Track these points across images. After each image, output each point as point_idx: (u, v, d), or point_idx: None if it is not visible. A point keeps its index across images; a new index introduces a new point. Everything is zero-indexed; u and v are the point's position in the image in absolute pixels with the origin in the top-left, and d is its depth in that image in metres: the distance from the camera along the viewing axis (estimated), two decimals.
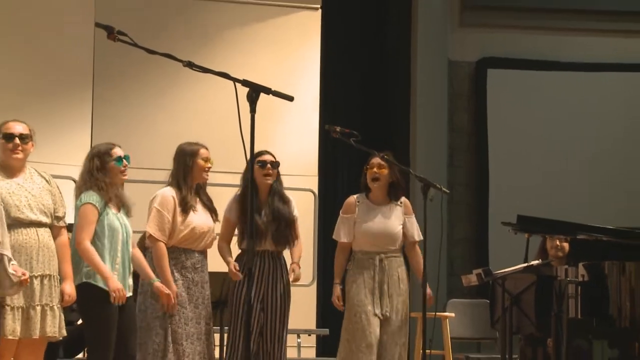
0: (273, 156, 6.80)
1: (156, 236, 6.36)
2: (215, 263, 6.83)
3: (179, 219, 6.38)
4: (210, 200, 6.65)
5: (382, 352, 6.85)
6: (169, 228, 6.37)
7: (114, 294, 5.79)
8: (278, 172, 6.84)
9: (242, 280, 6.64)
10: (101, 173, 6.05)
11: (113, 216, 6.10)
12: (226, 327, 6.95)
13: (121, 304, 6.01)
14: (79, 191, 6.13)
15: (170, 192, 6.43)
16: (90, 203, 6.05)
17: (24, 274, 5.22)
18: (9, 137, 5.60)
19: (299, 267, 6.82)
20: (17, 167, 5.67)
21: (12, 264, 5.18)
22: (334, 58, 10.26)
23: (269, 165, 6.71)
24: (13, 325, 5.45)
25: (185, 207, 6.39)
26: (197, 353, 6.41)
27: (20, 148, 5.63)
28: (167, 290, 6.23)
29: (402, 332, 6.93)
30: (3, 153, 5.61)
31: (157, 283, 6.25)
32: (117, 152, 6.13)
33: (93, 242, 6.01)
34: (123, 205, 6.17)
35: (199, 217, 6.47)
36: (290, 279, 6.78)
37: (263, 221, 6.70)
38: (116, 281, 5.83)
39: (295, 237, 6.87)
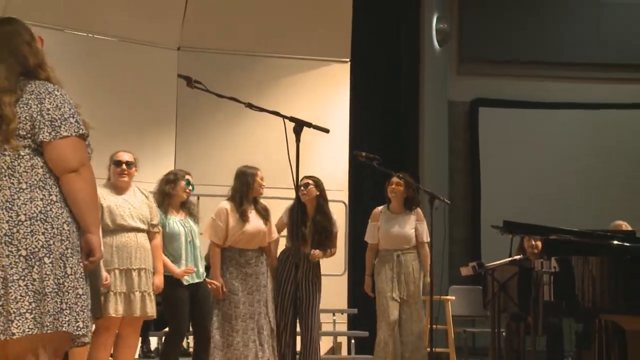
0: (311, 181, 6.75)
1: (212, 240, 6.38)
2: None
3: (233, 225, 6.35)
4: (266, 209, 6.62)
5: (407, 328, 6.86)
6: (222, 233, 6.35)
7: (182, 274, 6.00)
8: (322, 190, 6.81)
9: (287, 274, 6.65)
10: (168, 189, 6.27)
11: (175, 222, 6.16)
12: None
13: (195, 288, 6.15)
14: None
15: (224, 205, 6.44)
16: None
17: (106, 282, 5.47)
18: (118, 163, 5.74)
19: (321, 254, 6.73)
20: (124, 187, 5.78)
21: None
22: (360, 99, 10.26)
23: (302, 187, 6.62)
24: (115, 306, 5.55)
25: (243, 216, 6.37)
26: (250, 329, 6.36)
27: (126, 172, 5.74)
28: (215, 284, 6.27)
29: (419, 311, 6.94)
30: (113, 176, 5.74)
31: (207, 279, 6.32)
32: (188, 176, 6.33)
33: (163, 245, 6.11)
34: (190, 213, 6.29)
35: (251, 223, 6.42)
36: (310, 252, 6.69)
37: (307, 231, 6.69)
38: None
39: (332, 246, 6.83)
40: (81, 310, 2.86)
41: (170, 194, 6.22)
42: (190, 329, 6.47)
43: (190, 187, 6.28)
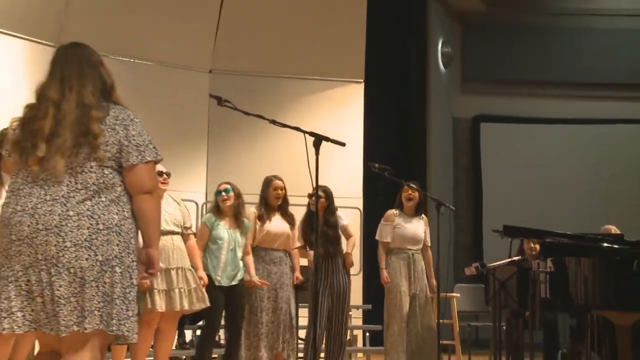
0: (322, 192, 6.69)
1: None
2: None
3: (258, 226, 6.39)
4: (292, 216, 6.62)
5: (418, 321, 6.83)
6: (251, 234, 6.37)
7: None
8: (331, 202, 6.79)
9: (314, 273, 6.67)
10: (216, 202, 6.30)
11: (222, 229, 6.15)
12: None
13: (231, 289, 6.13)
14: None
15: (253, 209, 6.49)
16: (203, 222, 6.30)
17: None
18: (160, 173, 5.70)
19: (351, 255, 6.80)
20: (160, 195, 5.73)
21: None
22: (373, 115, 10.25)
23: (312, 198, 6.53)
24: (160, 302, 5.54)
25: (262, 218, 6.40)
26: (272, 322, 6.39)
27: (167, 181, 5.75)
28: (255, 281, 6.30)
29: (428, 305, 6.90)
30: None
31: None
32: (220, 187, 6.31)
33: (207, 246, 6.10)
34: (239, 225, 6.23)
35: (273, 225, 6.44)
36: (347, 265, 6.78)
37: (318, 236, 6.66)
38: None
39: (349, 236, 6.87)
40: (135, 314, 2.91)
41: (219, 207, 6.27)
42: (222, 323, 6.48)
43: (224, 193, 6.26)
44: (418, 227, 6.97)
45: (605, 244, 6.00)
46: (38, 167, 2.84)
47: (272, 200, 6.49)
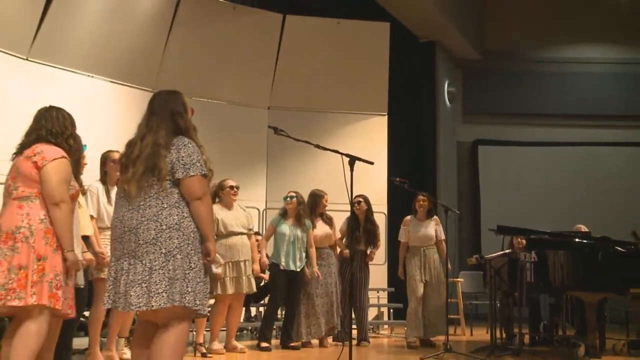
0: (362, 199, 6.81)
1: None
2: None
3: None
4: (330, 218, 6.71)
5: (429, 301, 6.81)
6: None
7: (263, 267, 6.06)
8: (369, 205, 6.85)
9: (346, 266, 6.73)
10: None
11: (285, 227, 6.24)
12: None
13: (293, 275, 6.22)
14: None
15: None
16: (270, 221, 6.45)
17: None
18: (232, 187, 5.83)
19: (373, 254, 6.90)
20: (231, 204, 5.86)
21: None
22: (395, 140, 10.27)
23: (355, 204, 6.74)
24: (230, 287, 5.67)
25: (312, 224, 6.46)
26: (325, 304, 6.47)
27: (237, 193, 5.87)
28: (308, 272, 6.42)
29: (440, 289, 6.85)
30: (227, 196, 5.83)
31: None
32: (288, 193, 6.43)
33: (274, 239, 6.27)
34: (300, 225, 6.34)
35: (319, 230, 6.54)
36: (364, 249, 6.85)
37: (360, 234, 6.74)
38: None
39: (378, 241, 6.94)
40: (199, 292, 2.92)
41: (285, 209, 6.38)
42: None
43: (288, 199, 6.36)
44: (428, 228, 6.95)
45: (576, 240, 5.97)
46: (124, 184, 2.98)
47: (322, 209, 6.61)
